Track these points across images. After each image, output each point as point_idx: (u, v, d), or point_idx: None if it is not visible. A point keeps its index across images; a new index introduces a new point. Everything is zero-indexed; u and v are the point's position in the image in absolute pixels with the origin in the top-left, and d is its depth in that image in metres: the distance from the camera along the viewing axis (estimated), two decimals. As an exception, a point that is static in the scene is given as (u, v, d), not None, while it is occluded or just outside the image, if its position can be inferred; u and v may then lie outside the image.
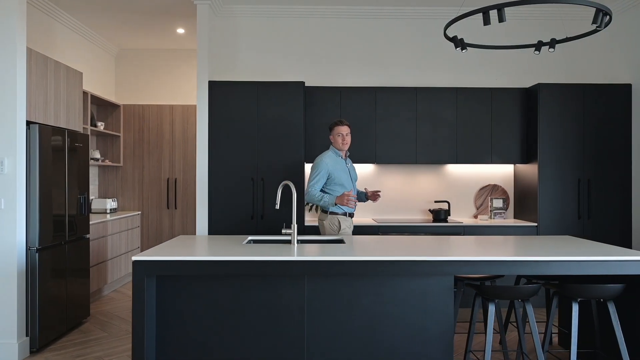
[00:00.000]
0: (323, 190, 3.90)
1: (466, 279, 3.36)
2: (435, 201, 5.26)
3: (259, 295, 2.95)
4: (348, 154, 4.06)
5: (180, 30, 5.97)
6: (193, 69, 6.57)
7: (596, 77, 5.30)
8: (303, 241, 3.62)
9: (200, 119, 4.78)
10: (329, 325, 2.94)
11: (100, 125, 5.80)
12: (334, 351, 2.93)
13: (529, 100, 5.03)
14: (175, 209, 6.35)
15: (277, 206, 3.29)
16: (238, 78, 5.18)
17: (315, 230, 4.75)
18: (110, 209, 5.97)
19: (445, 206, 5.25)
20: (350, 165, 4.07)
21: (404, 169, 5.31)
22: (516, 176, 5.33)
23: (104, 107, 6.20)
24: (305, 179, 5.20)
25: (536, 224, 4.83)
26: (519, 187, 5.26)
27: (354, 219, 4.11)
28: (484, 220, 5.18)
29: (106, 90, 6.43)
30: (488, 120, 5.06)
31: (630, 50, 4.96)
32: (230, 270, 2.75)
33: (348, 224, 3.91)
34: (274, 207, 4.73)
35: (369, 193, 4.00)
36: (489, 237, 3.68)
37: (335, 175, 3.87)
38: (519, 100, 5.07)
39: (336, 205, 3.81)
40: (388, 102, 5.03)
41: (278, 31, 5.28)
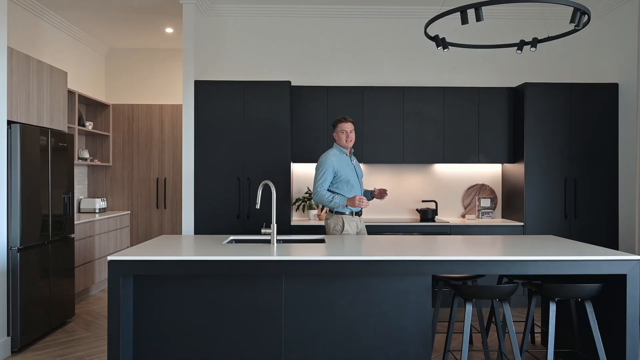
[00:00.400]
0: (331, 190, 3.80)
1: (447, 278, 3.35)
2: (423, 201, 5.25)
3: (237, 295, 2.94)
4: (353, 151, 3.98)
5: (169, 30, 5.96)
6: (182, 68, 6.55)
7: (584, 77, 5.30)
8: (285, 241, 3.62)
9: (186, 118, 4.77)
10: (307, 325, 2.94)
11: (89, 125, 5.79)
12: (312, 351, 2.93)
13: (516, 99, 5.03)
14: (165, 208, 6.35)
15: (258, 206, 3.29)
16: (225, 77, 5.18)
17: (302, 230, 4.76)
18: (100, 209, 5.96)
19: (432, 206, 5.25)
20: (356, 162, 3.98)
21: (392, 168, 5.30)
22: (504, 176, 5.32)
23: (93, 107, 6.19)
24: (292, 179, 5.21)
25: (523, 224, 4.83)
26: (506, 187, 5.26)
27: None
28: (471, 219, 5.17)
29: (96, 90, 6.42)
30: (475, 120, 5.06)
31: (617, 50, 4.96)
32: (207, 270, 2.74)
33: (353, 225, 3.81)
34: (260, 207, 4.71)
35: (375, 191, 3.90)
36: (472, 237, 3.68)
37: (342, 173, 3.78)
38: (506, 100, 5.07)
39: (347, 207, 3.75)
40: (375, 102, 5.02)
41: (265, 30, 5.28)
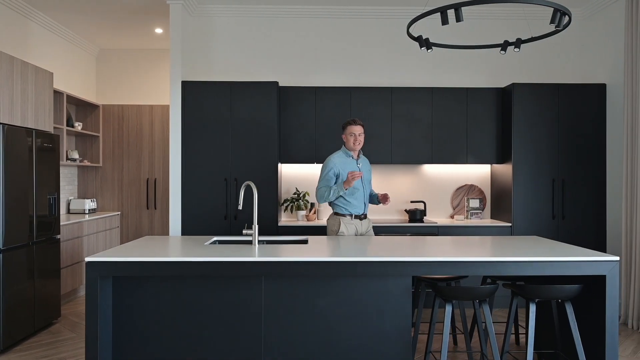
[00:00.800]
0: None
1: (429, 279, 3.35)
2: (411, 201, 5.25)
3: (217, 296, 2.94)
4: (361, 154, 3.94)
5: (158, 30, 5.96)
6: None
7: (572, 77, 5.29)
8: (269, 242, 3.61)
9: (173, 119, 4.76)
10: (287, 325, 2.93)
11: (78, 126, 5.78)
12: (292, 352, 2.92)
13: (504, 100, 5.02)
14: (155, 209, 6.34)
15: (240, 206, 3.28)
16: (213, 78, 5.17)
17: (289, 230, 4.75)
18: (89, 210, 5.96)
19: (421, 206, 5.24)
20: (364, 165, 3.91)
21: (380, 169, 5.30)
22: (493, 176, 5.32)
23: (83, 108, 6.18)
24: (281, 180, 5.20)
25: (511, 225, 4.82)
26: (495, 188, 5.26)
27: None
28: (460, 220, 5.17)
29: (87, 91, 6.41)
30: (464, 121, 5.06)
31: (605, 50, 4.95)
32: (185, 271, 2.74)
33: (351, 227, 3.77)
34: (246, 208, 4.71)
35: (380, 196, 3.86)
36: (456, 238, 3.67)
37: (344, 175, 3.75)
38: (495, 100, 5.06)
39: (346, 190, 3.66)
40: (363, 102, 5.02)
41: (253, 31, 5.27)
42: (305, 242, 3.45)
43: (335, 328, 2.93)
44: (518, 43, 3.53)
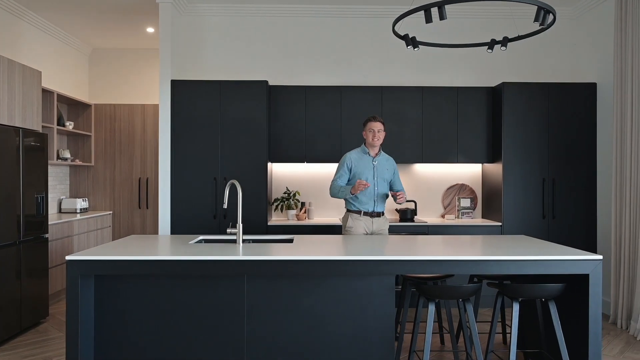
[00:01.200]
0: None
1: (415, 278, 3.33)
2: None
3: (199, 295, 2.93)
4: (381, 152, 3.94)
5: (150, 30, 5.95)
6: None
7: (563, 76, 5.28)
8: (255, 240, 3.60)
9: (162, 118, 4.76)
10: (270, 325, 2.92)
11: (69, 125, 5.77)
12: (275, 351, 2.91)
13: (495, 99, 5.01)
14: (147, 208, 6.33)
15: (225, 205, 3.27)
16: (203, 77, 5.16)
17: (279, 230, 4.74)
18: (81, 209, 5.95)
19: (412, 206, 5.23)
20: (380, 163, 3.90)
21: (371, 168, 5.28)
22: (484, 176, 5.31)
23: (75, 107, 6.17)
24: (272, 179, 5.20)
25: (501, 224, 4.81)
26: (486, 187, 5.24)
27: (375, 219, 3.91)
28: (450, 219, 5.16)
29: (80, 90, 6.41)
30: (454, 120, 5.05)
31: (595, 49, 4.94)
32: (166, 270, 2.72)
33: (359, 224, 3.81)
34: (236, 207, 4.69)
35: (391, 193, 3.89)
36: (443, 237, 3.66)
37: (357, 172, 3.83)
38: (485, 100, 5.05)
39: (353, 195, 3.78)
40: (353, 102, 5.01)
41: (243, 30, 5.26)
42: (290, 241, 3.44)
43: (318, 327, 2.92)
44: (505, 42, 3.53)
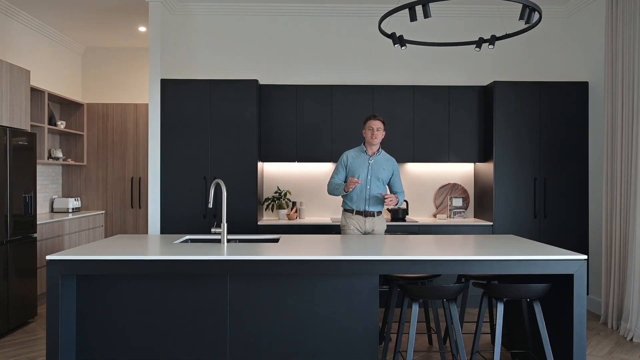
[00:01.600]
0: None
1: (399, 278, 3.32)
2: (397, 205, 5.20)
3: (183, 295, 2.91)
4: (381, 151, 3.96)
5: (142, 29, 5.93)
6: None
7: (555, 75, 5.26)
8: (242, 240, 3.59)
9: (152, 117, 4.74)
10: (253, 325, 2.90)
11: (61, 124, 5.76)
12: (258, 351, 2.90)
13: (486, 98, 4.99)
14: (140, 208, 6.31)
15: (210, 205, 3.25)
16: (193, 76, 5.15)
17: (269, 229, 4.72)
18: (73, 208, 5.93)
19: (403, 205, 5.20)
20: (376, 162, 3.91)
21: (363, 167, 5.26)
22: (476, 175, 5.29)
23: (67, 106, 6.16)
24: (263, 178, 5.19)
25: (492, 224, 4.79)
26: (478, 186, 5.22)
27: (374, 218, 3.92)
28: (442, 219, 5.13)
29: (73, 89, 6.40)
30: (446, 119, 5.02)
31: (587, 48, 4.91)
32: (148, 269, 2.71)
33: (353, 222, 3.86)
34: (227, 206, 4.67)
35: (382, 195, 3.87)
36: (431, 237, 3.64)
37: (352, 169, 3.90)
38: (477, 99, 5.03)
39: (346, 192, 3.84)
40: (344, 100, 4.99)
41: (233, 29, 5.24)
42: (276, 241, 3.42)
43: (301, 327, 2.90)
44: (492, 40, 3.50)
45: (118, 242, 3.22)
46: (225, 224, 3.20)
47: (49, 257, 2.68)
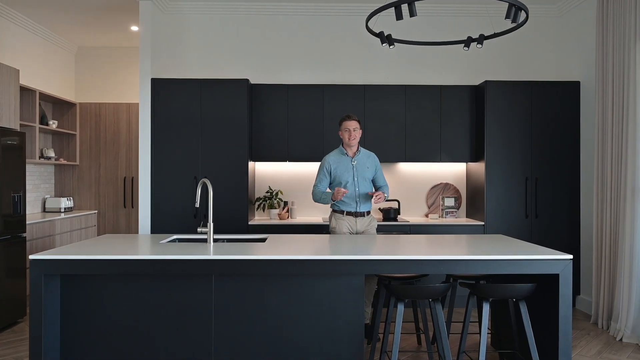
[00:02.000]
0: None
1: (387, 277, 3.31)
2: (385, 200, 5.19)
3: (168, 294, 2.90)
4: (361, 151, 3.92)
5: (134, 28, 5.92)
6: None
7: (547, 75, 5.25)
8: (230, 240, 3.58)
9: (142, 116, 4.73)
10: (238, 325, 2.89)
11: (53, 124, 5.74)
12: (243, 351, 2.88)
13: (478, 97, 4.98)
14: (132, 207, 6.30)
15: (197, 204, 3.24)
16: (183, 75, 5.13)
17: (259, 229, 4.71)
18: (65, 208, 5.92)
19: (395, 205, 5.20)
20: (359, 162, 3.87)
21: (355, 167, 5.25)
22: (468, 175, 5.28)
23: (60, 106, 6.14)
24: (254, 178, 5.18)
25: (483, 223, 4.78)
26: (470, 186, 5.21)
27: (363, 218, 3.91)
28: (434, 219, 5.12)
29: (66, 89, 6.38)
30: (437, 118, 5.01)
31: (579, 48, 4.91)
32: (131, 269, 2.69)
33: (342, 224, 3.82)
34: (218, 206, 4.67)
35: (370, 193, 3.87)
36: (420, 236, 3.63)
37: (337, 175, 3.83)
38: (468, 98, 5.02)
39: (333, 202, 3.81)
40: (336, 100, 4.98)
41: (224, 28, 5.23)
42: (263, 241, 3.41)
43: (287, 327, 2.89)
44: (481, 39, 3.50)
45: (104, 242, 3.21)
46: (212, 224, 3.19)
47: (31, 257, 2.66)
